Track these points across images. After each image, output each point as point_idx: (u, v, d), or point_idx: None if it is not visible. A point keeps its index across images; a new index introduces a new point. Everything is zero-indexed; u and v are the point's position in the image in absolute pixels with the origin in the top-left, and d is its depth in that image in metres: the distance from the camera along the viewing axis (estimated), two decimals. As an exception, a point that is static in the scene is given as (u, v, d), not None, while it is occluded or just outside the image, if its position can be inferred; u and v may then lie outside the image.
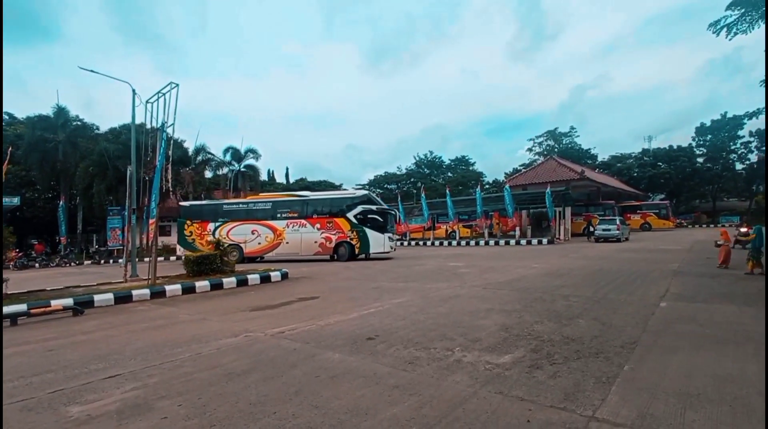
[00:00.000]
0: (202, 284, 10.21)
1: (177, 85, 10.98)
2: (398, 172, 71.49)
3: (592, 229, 28.00)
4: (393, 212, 16.66)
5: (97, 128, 34.68)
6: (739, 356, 4.29)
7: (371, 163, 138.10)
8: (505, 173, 62.73)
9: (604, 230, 24.92)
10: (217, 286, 10.46)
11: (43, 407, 3.56)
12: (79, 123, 33.47)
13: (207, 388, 3.83)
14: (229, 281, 10.74)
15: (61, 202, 30.33)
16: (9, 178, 30.27)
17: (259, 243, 19.61)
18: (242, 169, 38.54)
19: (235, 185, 37.25)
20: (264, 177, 51.70)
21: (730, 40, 11.63)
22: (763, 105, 41.04)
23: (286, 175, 74.85)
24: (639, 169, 54.32)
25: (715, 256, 12.53)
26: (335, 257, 18.74)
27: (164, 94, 11.16)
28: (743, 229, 16.17)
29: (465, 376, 3.91)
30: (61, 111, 32.19)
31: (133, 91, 13.50)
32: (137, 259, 14.10)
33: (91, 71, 13.77)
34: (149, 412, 3.36)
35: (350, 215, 18.43)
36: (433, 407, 3.26)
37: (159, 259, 10.61)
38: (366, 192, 19.75)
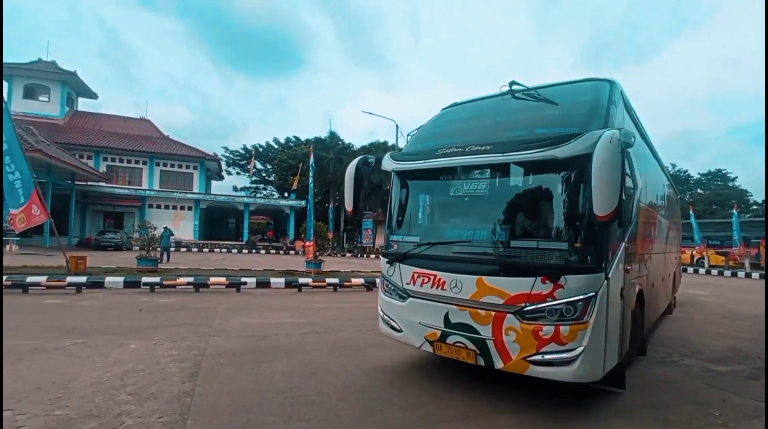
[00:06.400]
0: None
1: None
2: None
3: None
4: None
5: (352, 147, 44.45)
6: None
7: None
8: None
9: None
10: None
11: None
12: (341, 143, 43.79)
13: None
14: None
15: (330, 206, 39.87)
16: (299, 187, 41.71)
17: None
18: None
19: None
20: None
21: None
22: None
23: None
24: None
25: None
26: None
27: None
28: None
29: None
30: (333, 135, 43.26)
31: (396, 126, 18.50)
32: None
33: (370, 113, 19.96)
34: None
35: None
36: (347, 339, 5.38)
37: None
38: None
